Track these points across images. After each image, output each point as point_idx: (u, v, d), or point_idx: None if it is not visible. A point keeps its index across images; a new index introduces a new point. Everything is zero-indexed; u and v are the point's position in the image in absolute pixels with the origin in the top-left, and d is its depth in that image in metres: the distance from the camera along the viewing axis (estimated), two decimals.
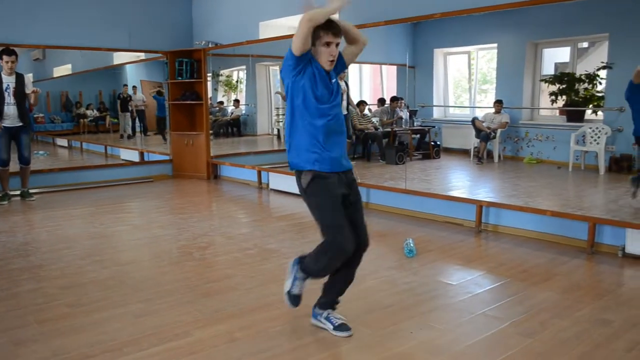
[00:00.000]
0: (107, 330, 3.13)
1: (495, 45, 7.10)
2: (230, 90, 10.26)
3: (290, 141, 3.02)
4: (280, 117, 9.09)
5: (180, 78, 8.77)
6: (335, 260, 2.94)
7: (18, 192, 7.09)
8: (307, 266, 3.08)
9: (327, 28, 2.88)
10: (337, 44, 2.94)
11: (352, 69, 8.31)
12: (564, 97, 6.45)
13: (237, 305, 3.47)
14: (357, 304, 3.51)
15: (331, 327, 3.10)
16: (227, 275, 4.08)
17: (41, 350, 2.89)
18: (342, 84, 7.70)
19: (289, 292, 3.14)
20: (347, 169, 3.05)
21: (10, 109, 6.73)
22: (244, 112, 10.09)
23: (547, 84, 6.58)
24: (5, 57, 6.63)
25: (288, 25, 7.66)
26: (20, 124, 6.82)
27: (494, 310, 3.40)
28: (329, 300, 3.17)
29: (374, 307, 3.47)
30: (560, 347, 2.90)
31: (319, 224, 2.99)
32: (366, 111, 8.35)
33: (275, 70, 9.26)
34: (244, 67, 9.92)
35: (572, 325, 3.17)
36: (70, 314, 3.39)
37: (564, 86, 6.42)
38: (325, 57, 2.91)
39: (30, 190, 7.17)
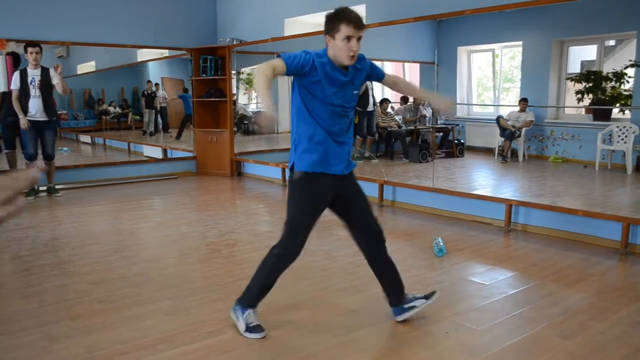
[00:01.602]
0: (139, 327, 3.13)
1: (520, 43, 7.04)
2: (251, 88, 10.26)
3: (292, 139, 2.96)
4: None
5: (204, 75, 8.77)
6: (282, 261, 2.97)
7: (44, 188, 7.15)
8: (248, 290, 3.07)
9: (349, 20, 2.69)
10: (359, 38, 2.72)
11: None
12: (591, 95, 6.38)
13: (269, 304, 3.43)
14: None
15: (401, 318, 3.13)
16: None
17: (75, 346, 2.89)
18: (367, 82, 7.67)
19: (247, 329, 2.98)
20: (343, 173, 2.96)
21: (36, 101, 6.74)
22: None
23: (573, 82, 6.52)
24: (29, 49, 6.68)
25: (314, 22, 7.62)
26: (46, 118, 6.82)
27: (529, 311, 3.34)
28: (396, 295, 3.18)
29: None
30: (601, 350, 2.84)
31: (288, 216, 2.96)
32: (389, 109, 8.31)
33: None
34: None
35: (610, 327, 3.11)
36: (101, 310, 3.39)
37: (590, 84, 6.35)
38: (344, 52, 2.72)
39: (56, 186, 7.22)
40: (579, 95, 6.41)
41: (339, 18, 2.71)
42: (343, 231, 3.18)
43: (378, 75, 3.07)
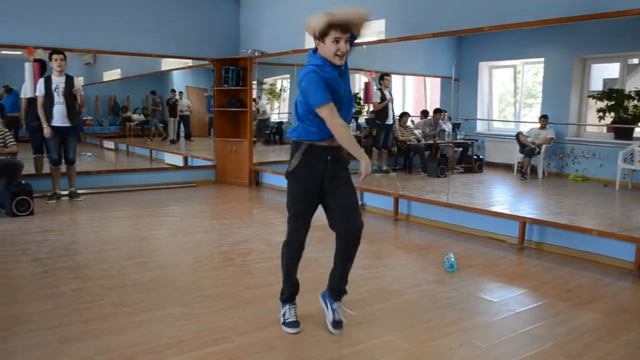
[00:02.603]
0: (149, 332, 3.19)
1: (542, 59, 7.01)
2: (274, 98, 10.37)
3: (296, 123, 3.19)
4: None
5: (226, 85, 8.90)
6: (292, 249, 3.29)
7: (66, 192, 7.30)
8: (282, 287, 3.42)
9: (336, 25, 2.95)
10: (347, 40, 2.99)
11: (396, 81, 8.32)
12: (612, 113, 6.31)
13: (277, 313, 3.47)
14: (396, 317, 3.51)
15: (331, 319, 3.27)
16: (268, 283, 4.11)
17: (85, 349, 2.96)
18: (387, 93, 7.71)
19: (284, 323, 3.31)
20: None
21: (60, 108, 6.91)
22: (286, 119, 10.20)
23: (594, 100, 6.46)
24: (54, 56, 6.86)
25: None
26: (69, 124, 7.00)
27: (536, 330, 3.34)
28: (333, 291, 3.32)
29: (414, 321, 3.44)
30: None
31: (288, 211, 3.26)
32: (409, 123, 8.32)
33: None
34: (288, 75, 10.01)
35: (617, 349, 3.09)
36: (113, 314, 3.47)
37: (612, 103, 6.29)
38: (334, 53, 2.98)
39: (78, 191, 7.37)
40: (601, 114, 6.35)
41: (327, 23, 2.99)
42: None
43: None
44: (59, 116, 6.92)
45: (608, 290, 4.13)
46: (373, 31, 7.55)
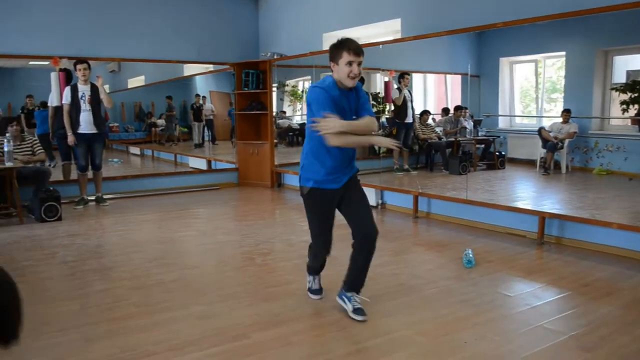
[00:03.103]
0: (171, 330, 3.29)
1: (563, 53, 6.94)
2: (296, 100, 10.44)
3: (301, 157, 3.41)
4: None
5: (246, 89, 9.01)
6: (317, 258, 3.64)
7: (93, 198, 7.48)
8: (307, 265, 3.77)
9: (349, 48, 3.11)
10: (360, 63, 3.14)
11: (417, 79, 8.33)
12: (636, 106, 6.23)
13: (295, 310, 3.56)
14: (413, 312, 3.55)
15: (351, 308, 3.41)
16: (287, 281, 4.19)
17: (110, 347, 3.07)
18: (406, 92, 7.73)
19: (309, 289, 3.79)
20: (345, 181, 3.36)
21: (86, 115, 7.12)
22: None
23: (618, 92, 6.38)
24: (78, 66, 7.07)
25: (351, 36, 7.76)
26: (96, 131, 7.19)
27: (552, 323, 3.35)
28: (350, 284, 3.48)
29: (430, 316, 3.48)
30: None
31: (309, 228, 3.53)
32: (430, 121, 8.32)
33: None
34: (309, 77, 10.08)
35: (633, 341, 3.09)
36: (136, 314, 3.57)
37: (636, 94, 6.20)
38: (347, 75, 3.14)
39: (104, 196, 7.55)
40: (624, 106, 6.28)
41: (341, 47, 3.15)
42: (379, 242, 3.38)
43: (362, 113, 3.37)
44: (86, 123, 7.11)
45: (627, 283, 4.11)
46: (389, 30, 7.58)
